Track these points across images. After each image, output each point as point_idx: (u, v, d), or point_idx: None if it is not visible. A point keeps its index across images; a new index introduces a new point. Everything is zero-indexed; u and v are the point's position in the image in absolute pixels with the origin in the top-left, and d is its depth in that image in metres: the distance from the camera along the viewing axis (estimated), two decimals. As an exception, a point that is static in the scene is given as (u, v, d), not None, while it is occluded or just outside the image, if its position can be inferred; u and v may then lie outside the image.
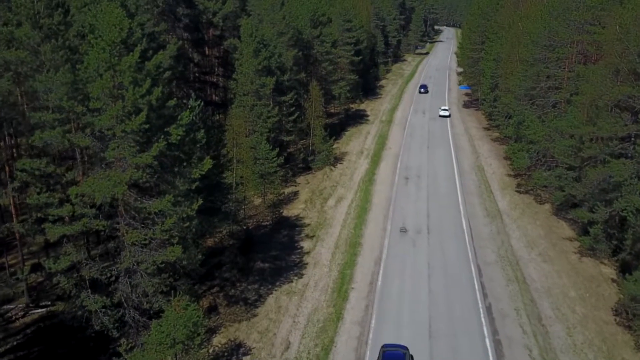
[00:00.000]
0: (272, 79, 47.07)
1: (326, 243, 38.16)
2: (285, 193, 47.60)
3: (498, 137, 66.70)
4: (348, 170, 54.47)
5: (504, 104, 58.31)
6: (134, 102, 21.49)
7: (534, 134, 44.63)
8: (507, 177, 52.65)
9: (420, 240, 37.93)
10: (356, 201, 45.95)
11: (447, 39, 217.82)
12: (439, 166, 55.34)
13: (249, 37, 46.38)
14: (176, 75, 42.10)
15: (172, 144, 22.76)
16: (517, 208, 45.04)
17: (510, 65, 58.51)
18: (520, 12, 63.68)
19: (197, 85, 49.37)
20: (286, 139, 50.43)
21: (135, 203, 22.90)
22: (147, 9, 38.22)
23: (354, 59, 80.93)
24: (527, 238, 39.49)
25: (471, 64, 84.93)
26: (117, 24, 21.66)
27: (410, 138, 66.72)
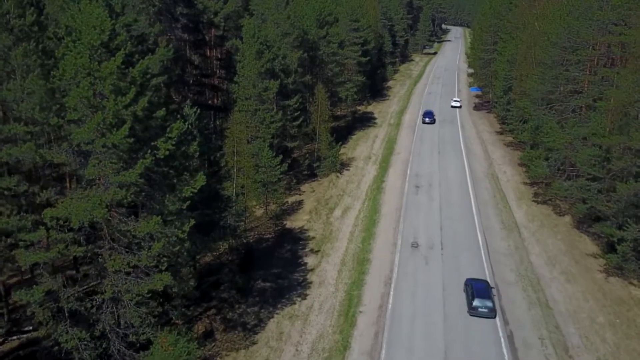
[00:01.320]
0: (276, 82, 44.59)
1: (332, 259, 35.62)
2: (289, 202, 45.12)
3: (512, 142, 63.97)
4: (355, 178, 51.89)
5: (519, 107, 55.56)
6: (116, 113, 19.04)
7: (553, 141, 41.94)
8: (522, 186, 49.91)
9: (433, 256, 35.32)
10: (364, 211, 43.37)
11: (455, 39, 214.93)
12: (450, 173, 52.65)
13: (251, 38, 43.89)
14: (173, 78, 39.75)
15: (161, 159, 20.28)
16: (535, 220, 42.33)
17: (525, 67, 55.74)
18: (536, 12, 60.85)
19: (196, 88, 46.93)
20: (290, 145, 47.94)
21: (119, 225, 20.47)
22: (142, 8, 35.82)
23: (361, 60, 78.39)
24: (547, 254, 36.80)
25: (482, 65, 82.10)
26: (97, 25, 19.22)
27: (420, 142, 64.04)
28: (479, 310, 28.89)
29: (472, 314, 29.08)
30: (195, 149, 23.58)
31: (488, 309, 28.79)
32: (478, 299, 29.10)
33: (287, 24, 51.97)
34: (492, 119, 77.67)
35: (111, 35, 19.59)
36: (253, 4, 55.59)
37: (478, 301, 29.05)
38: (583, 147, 38.76)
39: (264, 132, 43.98)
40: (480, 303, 28.97)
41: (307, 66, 59.46)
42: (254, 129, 44.15)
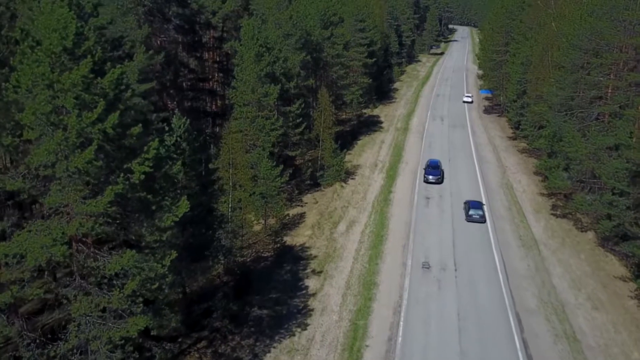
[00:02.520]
0: (276, 87, 41.63)
1: (336, 281, 32.65)
2: (290, 215, 42.19)
3: (525, 148, 60.84)
4: (361, 188, 48.89)
5: (535, 113, 52.36)
6: (81, 132, 16.15)
7: (575, 152, 38.82)
8: (539, 197, 46.79)
9: (447, 279, 32.29)
10: (370, 226, 40.37)
11: (462, 38, 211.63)
12: (462, 183, 49.58)
13: (250, 40, 40.97)
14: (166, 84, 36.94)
15: (136, 184, 17.37)
16: (555, 236, 39.23)
17: (541, 70, 52.65)
18: (552, 12, 57.71)
19: (192, 94, 44.06)
20: (292, 153, 44.98)
21: (87, 261, 17.57)
22: (130, 8, 32.98)
23: (367, 61, 75.38)
24: (571, 276, 33.73)
25: (493, 66, 78.91)
26: (59, 27, 16.32)
27: (429, 149, 60.97)
28: (473, 217, 40.65)
29: (468, 220, 40.76)
30: (178, 169, 20.66)
31: (479, 216, 40.73)
32: (472, 209, 41.03)
33: (289, 24, 49.02)
34: (504, 123, 74.55)
35: (77, 40, 16.68)
36: (254, 3, 52.72)
37: (472, 211, 40.91)
38: (609, 159, 35.72)
39: (263, 141, 41.06)
40: (474, 212, 40.83)
41: (310, 69, 56.53)
42: (252, 137, 41.26)
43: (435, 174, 49.09)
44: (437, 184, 48.40)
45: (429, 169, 49.70)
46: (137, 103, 19.49)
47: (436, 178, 48.90)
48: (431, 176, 48.86)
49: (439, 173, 49.48)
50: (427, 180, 48.62)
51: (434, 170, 49.58)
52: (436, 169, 49.85)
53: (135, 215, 18.45)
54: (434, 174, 49.15)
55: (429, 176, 48.95)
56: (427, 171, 49.53)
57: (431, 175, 48.89)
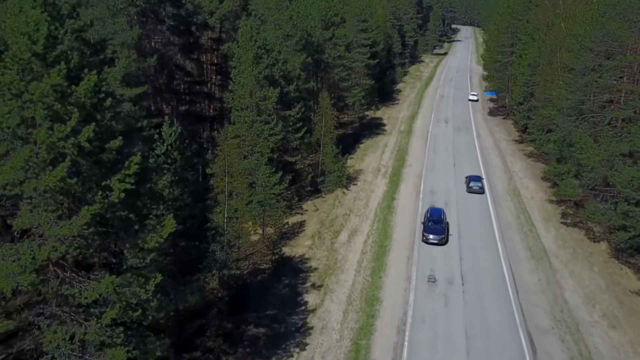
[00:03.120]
0: (275, 91, 40.04)
1: (337, 296, 31.01)
2: (290, 224, 40.59)
3: (533, 153, 59.08)
4: (363, 194, 47.24)
5: (543, 116, 50.56)
6: (52, 146, 14.55)
7: (588, 158, 37.09)
8: (548, 204, 45.07)
9: (454, 294, 30.62)
10: (373, 236, 38.73)
11: (466, 38, 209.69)
12: (468, 189, 47.90)
13: (248, 41, 39.36)
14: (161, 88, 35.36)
15: (115, 203, 15.76)
16: (566, 247, 37.54)
17: (550, 72, 50.96)
18: (560, 12, 55.98)
19: (188, 97, 42.44)
20: (291, 159, 43.33)
21: (62, 287, 15.97)
22: (121, 9, 31.38)
23: (370, 62, 73.79)
24: (584, 290, 32.04)
25: (499, 68, 77.14)
26: (29, 30, 14.73)
27: (433, 153, 59.30)
28: (474, 189, 46.59)
29: (469, 191, 46.68)
30: (164, 184, 19.05)
31: (479, 187, 46.68)
32: (473, 182, 47.05)
33: (289, 25, 47.40)
34: (510, 126, 72.81)
35: (49, 44, 15.08)
36: (252, 3, 51.09)
37: (473, 183, 46.94)
38: (624, 167, 34.03)
39: (261, 146, 39.46)
40: (474, 184, 46.84)
41: (311, 71, 54.93)
42: (250, 142, 39.67)
43: (437, 232, 36.45)
44: (440, 245, 36.30)
45: (429, 225, 37.20)
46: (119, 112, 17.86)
47: (439, 238, 36.16)
48: (432, 235, 36.27)
49: (442, 230, 36.84)
50: (426, 240, 36.28)
51: (436, 226, 37.02)
52: (438, 223, 37.26)
53: (116, 236, 16.82)
54: (436, 231, 36.53)
55: (429, 235, 36.37)
56: (426, 227, 37.07)
57: (432, 235, 36.31)
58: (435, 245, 36.27)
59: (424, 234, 36.59)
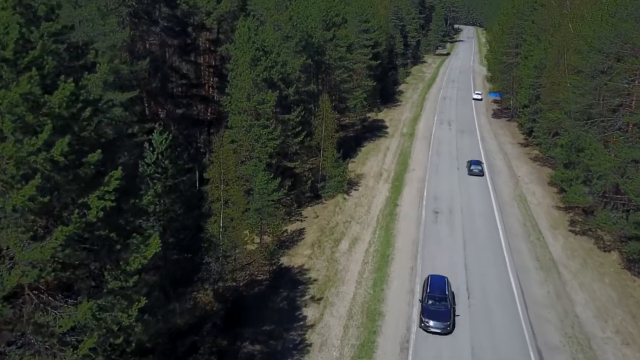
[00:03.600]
0: (274, 94, 38.73)
1: (337, 309, 29.65)
2: (289, 231, 39.27)
3: (539, 156, 57.70)
4: (365, 200, 45.87)
5: (550, 120, 49.07)
6: (22, 162, 13.23)
7: (598, 165, 35.68)
8: (556, 211, 43.67)
9: (459, 309, 29.19)
10: (375, 244, 37.37)
11: (468, 39, 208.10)
12: (473, 195, 46.53)
13: (246, 43, 38.08)
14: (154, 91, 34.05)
15: (93, 223, 14.43)
16: (575, 256, 36.14)
17: (557, 74, 49.51)
18: (567, 12, 54.54)
19: (184, 101, 41.11)
20: (291, 164, 41.97)
21: (36, 314, 14.65)
22: (112, 9, 30.06)
23: (372, 64, 72.40)
24: (595, 304, 30.64)
25: (503, 69, 75.72)
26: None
27: (436, 156, 57.91)
28: (474, 171, 51.57)
29: (470, 173, 51.54)
30: (149, 200, 17.64)
31: (478, 171, 51.55)
32: (473, 165, 52.24)
33: (288, 26, 46.07)
34: (514, 129, 71.37)
35: (20, 49, 13.76)
36: (251, 4, 49.78)
37: (474, 167, 52.09)
38: (637, 174, 32.64)
39: (259, 152, 38.15)
40: (474, 168, 51.86)
41: (312, 72, 53.61)
42: (248, 147, 38.36)
43: (440, 317, 27.06)
44: (444, 334, 27.08)
45: (429, 304, 27.89)
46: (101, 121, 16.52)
47: (443, 326, 26.72)
48: (433, 322, 26.86)
49: (447, 313, 27.32)
50: (426, 327, 26.82)
51: (438, 306, 27.71)
52: (441, 301, 27.85)
53: (96, 257, 15.49)
54: (439, 316, 27.13)
55: (429, 321, 26.90)
56: (425, 309, 27.63)
57: (433, 321, 26.89)
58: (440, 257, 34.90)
59: (422, 319, 27.13)
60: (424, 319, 27.05)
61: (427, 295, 28.41)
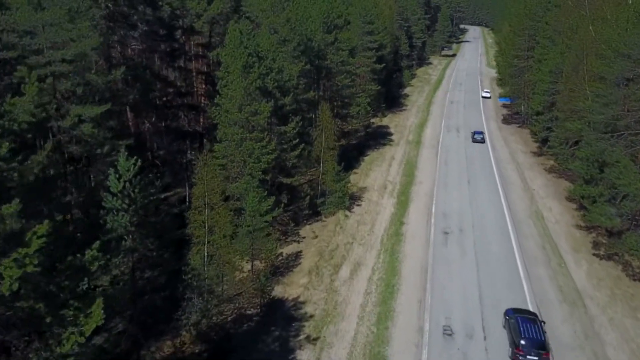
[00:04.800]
0: (269, 104, 35.29)
1: (335, 353, 26.14)
2: (284, 255, 35.80)
3: (554, 167, 53.91)
4: (368, 217, 42.33)
5: (568, 130, 45.42)
6: None
7: (628, 185, 32.06)
8: (576, 231, 40.00)
9: (474, 350, 25.65)
10: (379, 271, 33.84)
11: (474, 39, 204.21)
12: (485, 212, 42.89)
13: (237, 48, 34.59)
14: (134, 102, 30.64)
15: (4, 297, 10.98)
16: (602, 286, 32.51)
17: (576, 81, 45.72)
18: (586, 13, 50.81)
19: (170, 111, 37.65)
20: (287, 180, 38.47)
21: None
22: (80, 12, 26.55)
23: (376, 67, 68.82)
24: (629, 345, 27.01)
25: (514, 73, 71.98)
26: None
27: (445, 167, 54.30)
28: (477, 139, 61.58)
29: (474, 141, 61.92)
30: (94, 255, 14.07)
31: (481, 138, 61.01)
32: (476, 134, 61.79)
33: (286, 28, 42.55)
34: (526, 136, 67.62)
35: None
36: (246, 5, 46.28)
37: (477, 135, 61.63)
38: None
39: (252, 168, 34.67)
40: (477, 136, 61.20)
41: (313, 77, 50.14)
42: (239, 163, 34.90)
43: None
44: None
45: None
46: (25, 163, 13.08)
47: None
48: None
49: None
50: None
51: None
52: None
53: (20, 335, 12.05)
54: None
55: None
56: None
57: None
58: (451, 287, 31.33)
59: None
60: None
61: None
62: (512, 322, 26.19)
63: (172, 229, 24.86)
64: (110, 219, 20.18)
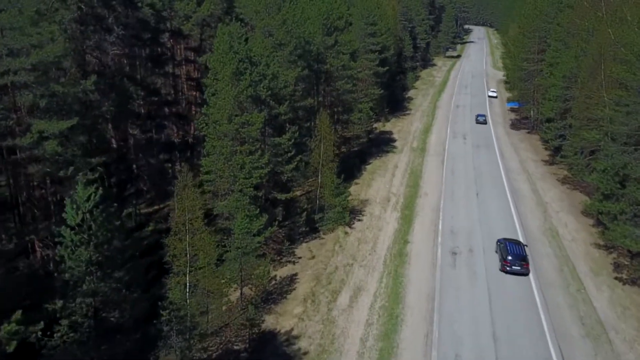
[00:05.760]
0: (262, 114, 32.41)
1: (332, 398, 23.22)
2: (278, 278, 32.92)
3: (567, 178, 50.84)
4: (369, 234, 39.39)
5: (584, 139, 42.41)
6: None
7: (656, 205, 29.02)
8: (595, 250, 36.98)
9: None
10: (381, 298, 30.88)
11: (479, 39, 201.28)
12: (496, 227, 39.83)
13: (227, 53, 31.71)
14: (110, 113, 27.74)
15: None
16: (626, 316, 29.49)
17: (593, 87, 42.71)
18: (603, 14, 47.71)
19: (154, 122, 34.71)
20: (282, 196, 35.52)
21: None
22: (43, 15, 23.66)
23: (379, 70, 65.85)
24: (663, 390, 24.00)
25: (524, 76, 68.81)
26: None
27: (451, 177, 51.27)
28: (480, 120, 69.57)
29: (477, 122, 70.76)
30: (11, 329, 10.98)
31: (483, 119, 68.57)
32: (480, 116, 70.29)
33: (281, 31, 39.59)
34: (536, 142, 64.61)
35: None
36: (239, 6, 43.34)
37: (480, 117, 70.03)
38: None
39: (242, 184, 31.75)
40: (480, 117, 69.43)
41: (313, 82, 47.19)
42: (228, 179, 31.99)
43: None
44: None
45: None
46: None
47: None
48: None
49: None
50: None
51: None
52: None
53: None
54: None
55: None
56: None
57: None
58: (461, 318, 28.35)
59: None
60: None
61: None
62: (502, 245, 34.65)
63: (148, 257, 21.97)
64: (68, 256, 17.32)
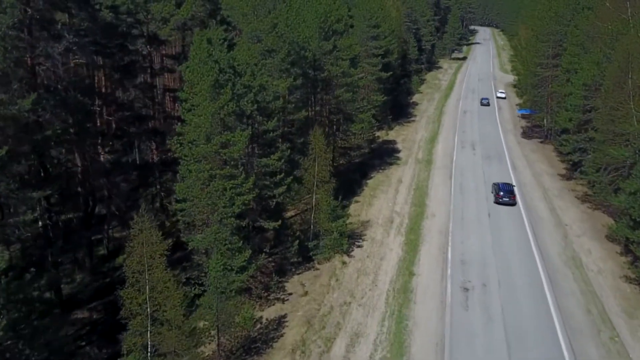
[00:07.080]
0: (246, 132, 28.18)
1: None
2: (264, 321, 28.69)
3: (587, 195, 46.40)
4: (370, 264, 35.10)
5: (610, 155, 38.04)
6: None
7: None
8: (626, 285, 32.61)
9: None
10: (382, 347, 26.55)
11: (485, 41, 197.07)
12: (512, 258, 35.48)
13: (205, 62, 27.48)
14: (56, 137, 23.52)
15: None
16: (671, 372, 25.10)
17: (620, 98, 38.29)
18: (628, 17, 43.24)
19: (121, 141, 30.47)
20: (269, 225, 31.22)
21: None
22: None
23: (382, 75, 61.63)
24: None
25: (537, 83, 64.30)
26: None
27: (460, 194, 46.92)
28: (484, 102, 79.89)
29: (482, 104, 79.90)
30: None
31: (486, 102, 79.42)
32: (484, 100, 79.81)
33: (271, 36, 35.33)
34: (550, 153, 60.26)
35: None
36: (227, 7, 39.08)
37: (484, 100, 79.85)
38: None
39: (222, 213, 27.49)
40: (484, 100, 79.99)
41: (308, 91, 42.97)
42: (205, 208, 27.74)
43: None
44: None
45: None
46: None
47: None
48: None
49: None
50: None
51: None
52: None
53: None
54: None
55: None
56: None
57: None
58: None
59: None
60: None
61: None
62: (496, 186, 45.11)
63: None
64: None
